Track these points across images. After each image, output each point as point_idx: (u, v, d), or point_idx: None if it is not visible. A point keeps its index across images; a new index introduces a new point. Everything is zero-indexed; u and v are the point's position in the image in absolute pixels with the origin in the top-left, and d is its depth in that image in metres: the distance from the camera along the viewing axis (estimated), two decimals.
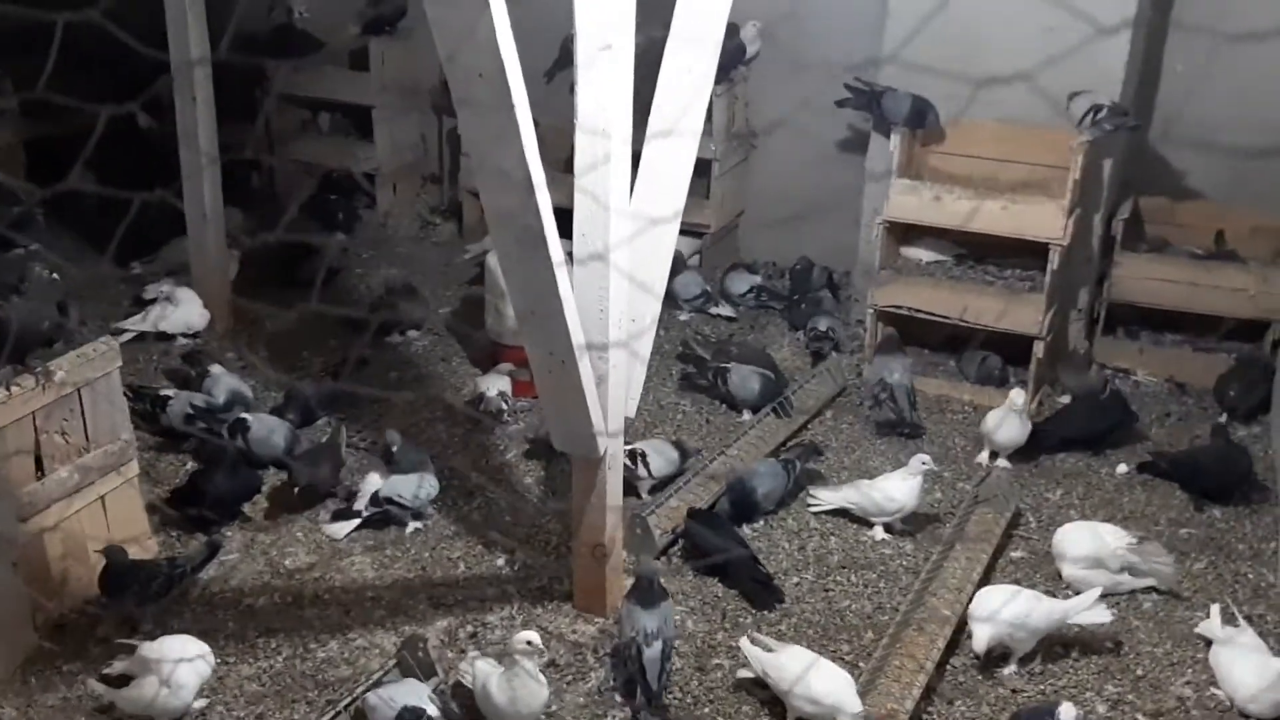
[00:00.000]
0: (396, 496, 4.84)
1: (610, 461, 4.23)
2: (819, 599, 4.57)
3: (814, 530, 4.99)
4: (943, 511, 5.12)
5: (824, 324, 6.46)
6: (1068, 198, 5.72)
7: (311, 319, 6.48)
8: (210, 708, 3.87)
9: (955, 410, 6.00)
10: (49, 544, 4.16)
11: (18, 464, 4.01)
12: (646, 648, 3.91)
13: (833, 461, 5.46)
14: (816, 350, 6.41)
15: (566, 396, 3.97)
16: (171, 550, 4.66)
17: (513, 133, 3.21)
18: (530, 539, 4.85)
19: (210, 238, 6.37)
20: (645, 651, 3.91)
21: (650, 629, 3.93)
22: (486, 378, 5.82)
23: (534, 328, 3.84)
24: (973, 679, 4.19)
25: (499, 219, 3.56)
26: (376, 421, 5.67)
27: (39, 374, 3.99)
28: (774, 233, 7.27)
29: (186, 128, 6.07)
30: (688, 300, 6.88)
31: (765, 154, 7.32)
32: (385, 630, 4.30)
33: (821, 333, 6.41)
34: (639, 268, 4.07)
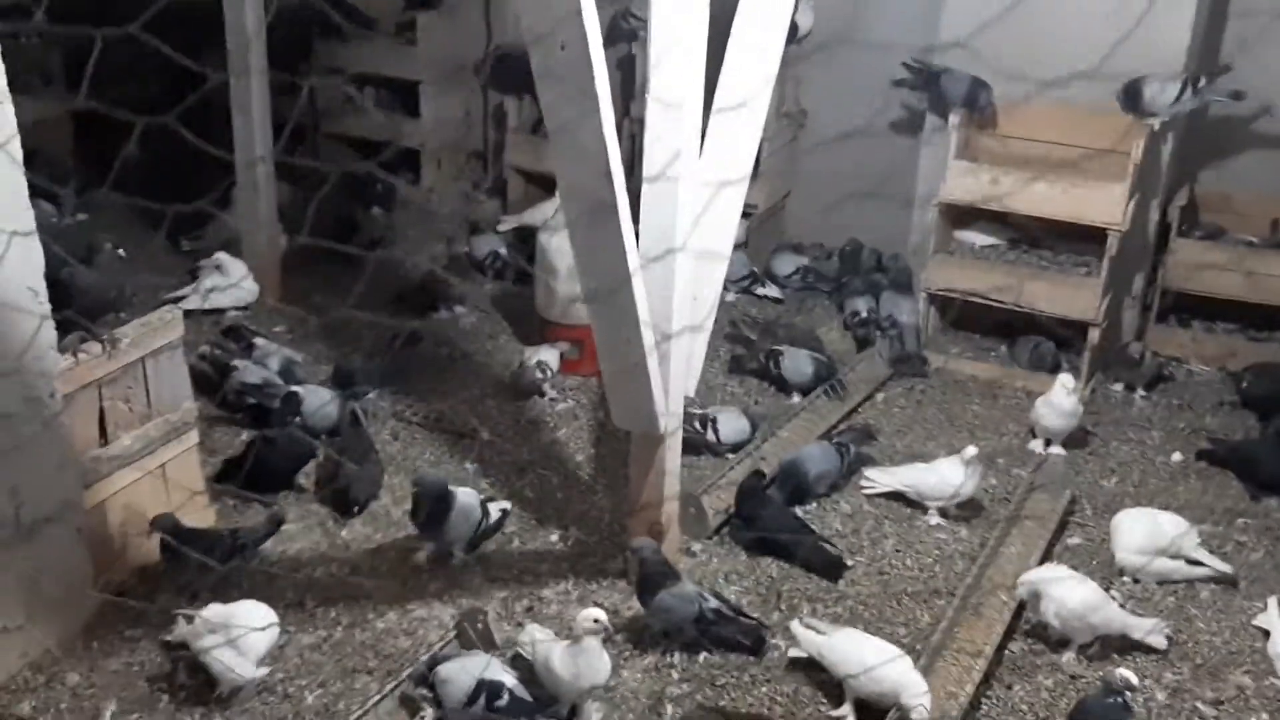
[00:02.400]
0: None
1: (669, 440, 4.21)
2: (874, 582, 4.55)
3: (868, 514, 4.96)
4: (997, 497, 5.08)
5: (863, 306, 6.42)
6: (1128, 181, 5.66)
7: (360, 294, 6.50)
8: (271, 675, 3.88)
9: (1008, 396, 5.96)
10: (111, 510, 4.18)
11: (83, 430, 4.03)
12: (708, 601, 4.08)
13: (885, 445, 5.44)
14: (863, 336, 6.37)
15: (629, 374, 3.96)
16: (229, 520, 4.68)
17: (592, 107, 3.19)
18: (584, 516, 4.84)
19: (261, 208, 6.38)
20: (710, 600, 4.09)
21: (701, 591, 4.14)
22: (533, 350, 5.81)
23: (601, 304, 3.83)
24: (1031, 664, 4.16)
25: (572, 194, 3.55)
26: (427, 397, 5.68)
27: (105, 341, 4.00)
28: (822, 214, 7.22)
29: (241, 101, 6.07)
30: (734, 281, 6.84)
31: (815, 134, 7.27)
32: (442, 603, 4.30)
33: (863, 316, 6.38)
34: (703, 246, 4.03)
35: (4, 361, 3.56)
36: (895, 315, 6.20)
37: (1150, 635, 4.19)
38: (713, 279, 4.26)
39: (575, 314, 5.77)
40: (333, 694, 3.87)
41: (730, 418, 5.37)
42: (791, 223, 7.56)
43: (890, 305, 6.32)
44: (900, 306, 6.28)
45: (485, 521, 4.49)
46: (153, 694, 3.81)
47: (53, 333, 3.75)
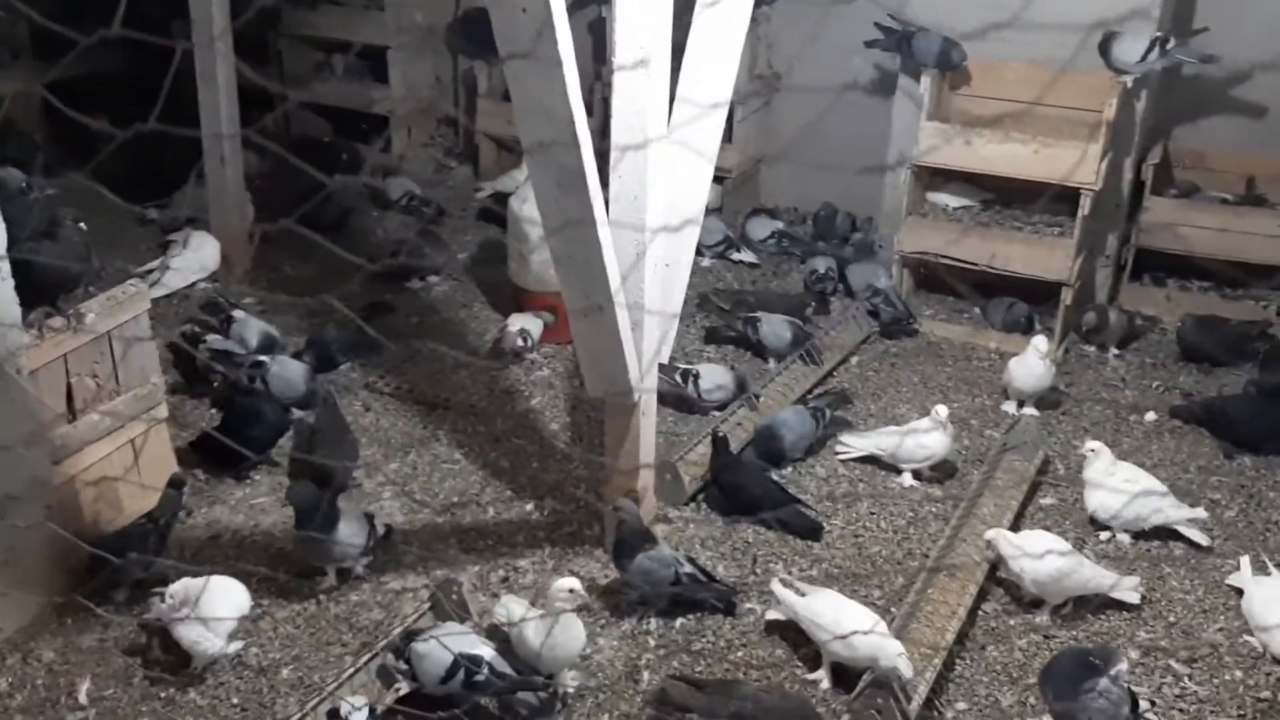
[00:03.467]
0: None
1: (644, 408, 4.20)
2: (849, 544, 4.56)
3: (842, 477, 4.97)
4: (971, 459, 5.10)
5: (822, 265, 6.42)
6: (1101, 141, 5.64)
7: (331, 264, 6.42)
8: (245, 649, 3.87)
9: (981, 358, 5.97)
10: (81, 487, 4.14)
11: (50, 407, 3.98)
12: (683, 566, 4.10)
13: (860, 409, 5.44)
14: (820, 292, 6.36)
15: (601, 341, 3.94)
16: (200, 494, 4.64)
17: (555, 70, 3.14)
18: (559, 485, 4.83)
19: (228, 178, 6.30)
20: (685, 565, 4.11)
21: (678, 556, 4.15)
22: (515, 317, 5.77)
23: (571, 271, 3.80)
24: (1005, 624, 4.19)
25: (539, 160, 3.51)
26: (399, 367, 5.64)
27: (70, 316, 3.95)
28: (796, 177, 7.20)
29: (205, 68, 5.98)
30: (709, 247, 6.81)
31: (787, 97, 7.22)
32: (417, 574, 4.29)
33: (821, 274, 6.38)
34: (674, 207, 4.00)
35: None
36: (873, 283, 6.22)
37: (1123, 591, 4.22)
38: (686, 245, 4.23)
39: (548, 281, 5.72)
40: (307, 667, 3.86)
41: (713, 373, 5.39)
42: (766, 187, 7.53)
43: (864, 274, 6.33)
44: (873, 273, 6.31)
45: (374, 534, 4.24)
46: (128, 669, 3.80)
47: (16, 308, 3.69)
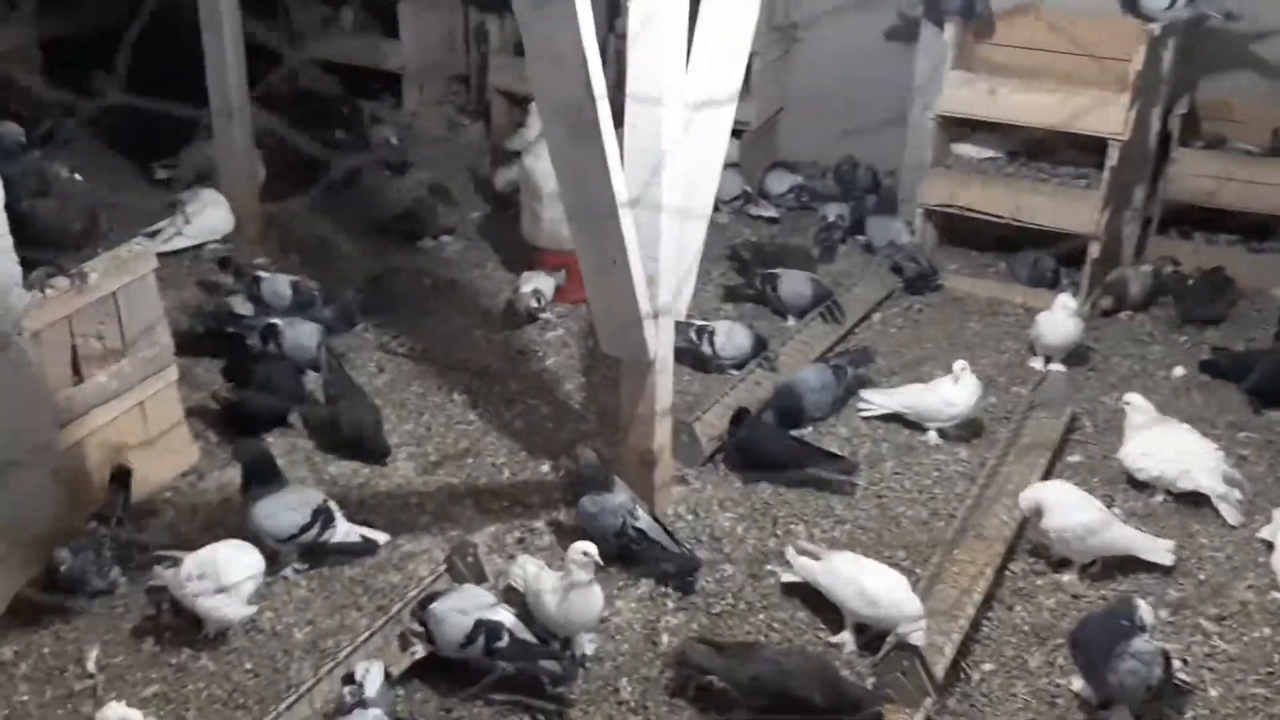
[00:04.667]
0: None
1: (659, 366, 4.10)
2: (872, 505, 4.47)
3: (865, 436, 4.87)
4: (997, 416, 4.98)
5: (832, 213, 6.30)
6: (1129, 90, 5.48)
7: (343, 224, 6.35)
8: (260, 614, 3.81)
9: (1007, 313, 5.84)
10: (89, 450, 4.08)
11: (55, 368, 3.91)
12: (636, 519, 3.98)
13: (883, 366, 5.32)
14: (826, 240, 6.24)
15: (616, 298, 3.83)
16: (212, 458, 4.57)
17: (569, 13, 3.01)
18: (574, 445, 4.72)
19: (236, 136, 6.18)
20: (641, 519, 3.98)
21: (626, 504, 4.01)
22: (527, 277, 5.67)
23: (585, 225, 3.69)
24: (1032, 584, 4.10)
25: (552, 110, 3.38)
26: (413, 328, 5.55)
27: (73, 276, 3.86)
28: (816, 130, 7.03)
29: (211, 20, 5.85)
30: (726, 201, 6.68)
31: (807, 47, 7.04)
32: (432, 536, 4.22)
33: (830, 222, 6.27)
34: (691, 158, 3.88)
35: None
36: (894, 239, 6.11)
37: (1157, 554, 4.11)
38: (702, 198, 4.10)
39: (562, 239, 5.60)
40: (322, 630, 3.80)
41: (729, 330, 5.27)
42: (785, 140, 7.36)
43: (885, 230, 6.21)
44: (894, 229, 6.18)
45: (313, 533, 3.94)
46: (137, 636, 3.74)
47: (16, 267, 3.60)
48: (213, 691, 3.56)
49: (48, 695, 3.52)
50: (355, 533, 4.08)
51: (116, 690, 3.51)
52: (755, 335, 5.30)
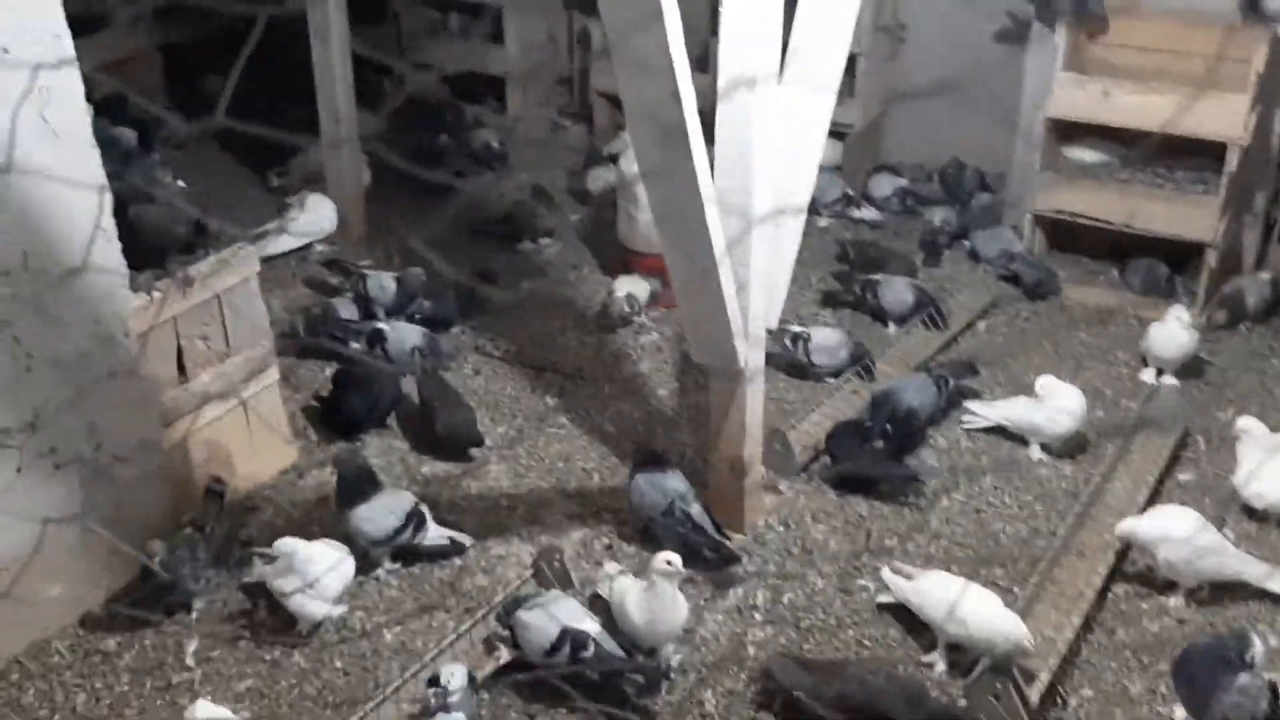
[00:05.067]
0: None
1: (750, 375, 4.04)
2: (970, 521, 4.34)
3: (965, 449, 4.74)
4: (1104, 431, 4.80)
5: (938, 217, 6.18)
6: (1250, 92, 5.23)
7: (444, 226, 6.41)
8: (351, 614, 3.87)
9: (1118, 323, 5.63)
10: (193, 449, 4.19)
11: (161, 369, 4.03)
12: (687, 505, 4.00)
13: (986, 377, 5.16)
14: (931, 243, 6.11)
15: (706, 305, 3.79)
16: (310, 456, 4.67)
17: (656, 18, 2.98)
18: (667, 453, 4.69)
19: (344, 140, 6.31)
20: (693, 507, 4.00)
21: (680, 489, 4.03)
22: (622, 281, 5.66)
23: (673, 232, 3.65)
24: (1136, 608, 3.94)
25: (639, 116, 3.36)
26: (508, 330, 5.60)
27: (179, 279, 3.98)
28: (922, 133, 6.88)
29: (319, 29, 5.98)
30: (826, 205, 6.58)
31: (914, 48, 6.89)
32: (521, 540, 4.24)
33: (935, 226, 6.15)
34: (783, 166, 3.81)
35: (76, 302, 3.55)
36: (1007, 248, 5.98)
37: (1268, 581, 3.92)
38: (796, 201, 4.03)
39: (657, 244, 5.57)
40: (411, 631, 3.84)
41: (826, 336, 5.20)
42: (889, 143, 7.22)
43: (995, 240, 6.05)
44: (1003, 238, 6.03)
45: (406, 535, 4.00)
46: (234, 631, 3.83)
47: (124, 270, 3.72)
48: (304, 689, 3.63)
49: (147, 686, 3.62)
50: (444, 535, 4.12)
51: (213, 684, 3.61)
52: (853, 342, 5.20)
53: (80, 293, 3.56)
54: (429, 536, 4.08)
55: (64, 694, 3.59)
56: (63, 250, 3.48)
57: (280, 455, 4.57)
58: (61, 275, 3.48)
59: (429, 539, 4.08)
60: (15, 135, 3.12)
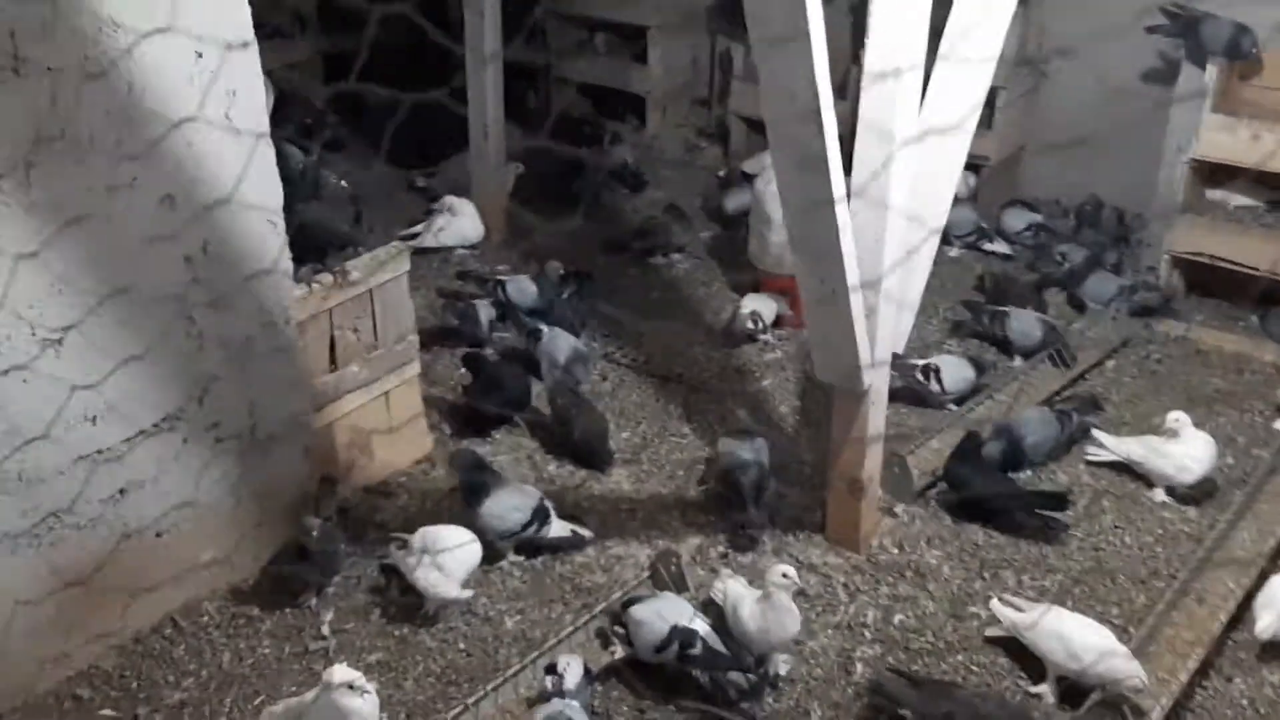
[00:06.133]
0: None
1: (873, 396, 4.11)
2: (1088, 558, 4.33)
3: (1086, 486, 4.72)
4: (1233, 479, 4.72)
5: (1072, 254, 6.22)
6: None
7: (581, 236, 6.64)
8: (476, 600, 4.06)
9: (1255, 371, 5.52)
10: (338, 433, 4.45)
11: (315, 357, 4.29)
12: (743, 475, 4.34)
13: (1113, 416, 5.13)
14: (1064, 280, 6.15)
15: (834, 327, 3.88)
16: (444, 447, 4.88)
17: (804, 52, 3.10)
18: (784, 468, 4.80)
19: (490, 150, 6.58)
20: (742, 479, 4.34)
21: (746, 459, 4.40)
22: (749, 298, 5.78)
23: (807, 255, 3.75)
24: (1255, 658, 3.88)
25: (781, 142, 3.47)
26: (637, 340, 5.76)
27: (336, 273, 4.24)
28: (1060, 168, 6.84)
29: (474, 41, 6.26)
30: (958, 236, 6.60)
31: (1056, 83, 6.86)
32: (640, 542, 4.38)
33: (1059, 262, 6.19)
34: (918, 196, 3.89)
35: (245, 289, 3.83)
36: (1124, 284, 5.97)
37: None
38: (928, 233, 4.10)
39: (787, 264, 5.70)
40: (530, 621, 4.01)
41: (954, 365, 5.27)
42: (1026, 177, 7.19)
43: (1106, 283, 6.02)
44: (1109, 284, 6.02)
45: (532, 529, 4.20)
46: (367, 606, 4.06)
47: (289, 263, 3.99)
48: (429, 666, 3.82)
49: (286, 651, 3.87)
50: (567, 529, 4.30)
51: (346, 654, 3.82)
52: (978, 365, 5.29)
53: (250, 280, 3.83)
54: (553, 530, 4.26)
55: (211, 651, 3.86)
56: (237, 241, 3.76)
57: (416, 446, 4.80)
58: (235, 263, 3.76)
59: (553, 533, 4.26)
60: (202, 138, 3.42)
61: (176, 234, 3.55)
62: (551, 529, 4.27)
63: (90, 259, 3.36)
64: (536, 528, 4.21)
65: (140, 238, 3.46)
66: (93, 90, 3.23)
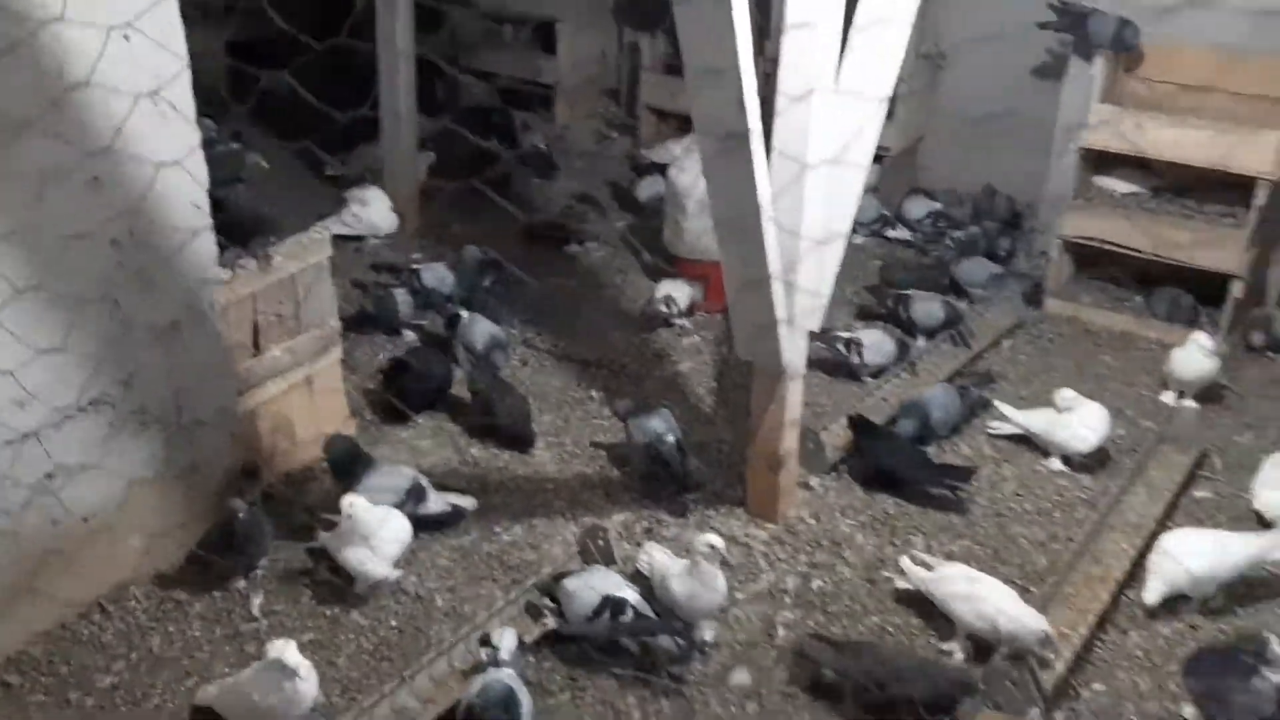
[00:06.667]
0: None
1: (791, 375, 4.27)
2: (991, 524, 4.56)
3: (988, 457, 4.96)
4: (1124, 448, 5.01)
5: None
6: None
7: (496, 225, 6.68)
8: (405, 579, 4.11)
9: (1141, 348, 5.85)
10: (261, 418, 4.45)
11: (238, 342, 4.29)
12: (662, 445, 4.52)
13: (1009, 392, 5.38)
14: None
15: (755, 305, 4.02)
16: (366, 433, 4.92)
17: (727, 29, 3.23)
18: (704, 446, 4.94)
19: (403, 140, 6.59)
20: (662, 449, 4.52)
21: (660, 430, 4.57)
22: (665, 284, 5.92)
23: (729, 234, 3.89)
24: (1148, 612, 4.13)
25: (705, 123, 3.60)
26: (556, 327, 5.85)
27: (260, 258, 4.24)
28: (957, 158, 7.12)
29: (385, 31, 6.27)
30: (864, 224, 6.83)
31: (952, 76, 7.14)
32: (566, 520, 4.48)
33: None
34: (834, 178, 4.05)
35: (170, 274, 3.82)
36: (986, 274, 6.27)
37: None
38: (845, 214, 4.26)
39: (701, 250, 5.86)
40: (461, 598, 4.08)
41: (875, 338, 5.50)
42: (925, 167, 7.47)
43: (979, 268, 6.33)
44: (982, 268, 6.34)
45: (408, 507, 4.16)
46: (296, 588, 4.08)
47: (214, 247, 3.99)
48: (361, 643, 3.87)
49: (217, 633, 3.87)
50: (446, 501, 4.36)
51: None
52: (898, 341, 5.51)
53: (176, 264, 3.82)
54: (431, 505, 4.30)
55: (140, 636, 3.84)
56: (163, 225, 3.75)
57: (339, 430, 4.81)
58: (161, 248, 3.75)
59: (431, 508, 4.31)
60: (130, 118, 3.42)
61: (102, 218, 3.53)
62: (430, 505, 4.31)
63: (14, 243, 3.33)
64: (412, 505, 4.24)
65: (66, 221, 3.43)
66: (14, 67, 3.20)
